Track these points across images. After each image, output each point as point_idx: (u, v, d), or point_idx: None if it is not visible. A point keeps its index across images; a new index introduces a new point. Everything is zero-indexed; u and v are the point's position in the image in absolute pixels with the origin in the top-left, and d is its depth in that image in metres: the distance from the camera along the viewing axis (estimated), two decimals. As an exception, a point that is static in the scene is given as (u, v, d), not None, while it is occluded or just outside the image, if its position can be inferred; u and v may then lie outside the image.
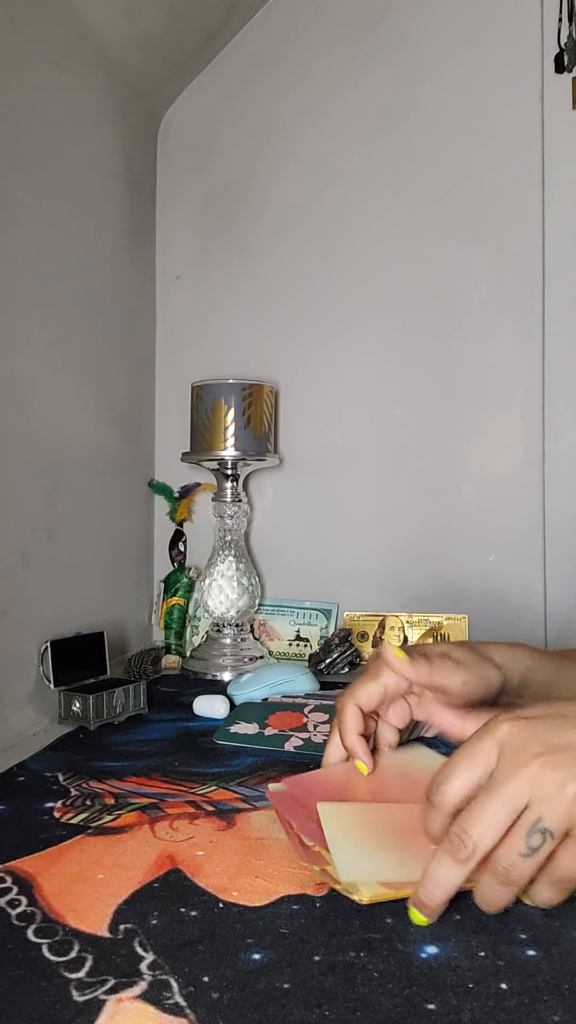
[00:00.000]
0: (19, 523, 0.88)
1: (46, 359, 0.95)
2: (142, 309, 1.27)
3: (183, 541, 1.27)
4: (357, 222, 1.24)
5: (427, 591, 1.20)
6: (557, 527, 1.17)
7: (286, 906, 0.48)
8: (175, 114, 1.31)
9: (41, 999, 0.39)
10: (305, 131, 1.26)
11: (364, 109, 1.24)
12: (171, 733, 0.84)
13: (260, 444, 1.15)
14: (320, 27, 1.25)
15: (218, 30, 1.24)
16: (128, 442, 1.21)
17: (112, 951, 0.43)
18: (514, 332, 1.19)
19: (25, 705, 0.86)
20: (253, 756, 0.76)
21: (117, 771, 0.72)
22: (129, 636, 1.18)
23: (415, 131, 1.22)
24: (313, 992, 0.40)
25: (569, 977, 0.41)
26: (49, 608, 0.94)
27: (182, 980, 0.41)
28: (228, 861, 0.54)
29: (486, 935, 0.45)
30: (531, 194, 1.17)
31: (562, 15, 1.15)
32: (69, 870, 0.53)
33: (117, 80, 1.13)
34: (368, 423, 1.24)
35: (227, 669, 1.11)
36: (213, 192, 1.30)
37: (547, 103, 1.17)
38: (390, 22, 1.23)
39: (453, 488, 1.21)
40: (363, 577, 1.23)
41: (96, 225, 1.09)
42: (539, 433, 1.18)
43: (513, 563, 1.19)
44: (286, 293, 1.27)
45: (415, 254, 1.22)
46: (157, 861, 0.54)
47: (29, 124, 0.90)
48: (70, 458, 1.00)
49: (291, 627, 1.22)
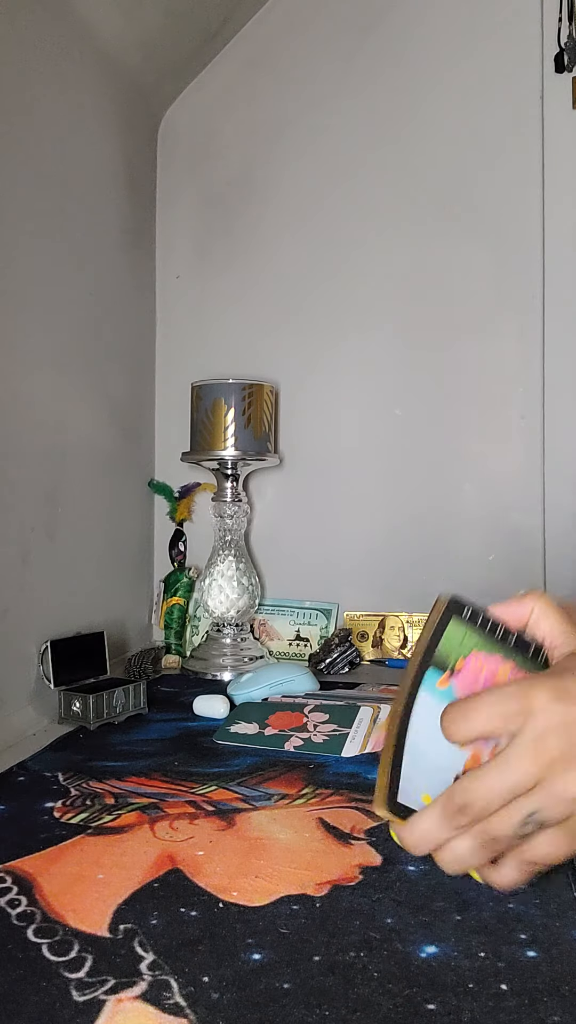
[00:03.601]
0: (19, 523, 0.88)
1: (46, 359, 0.95)
2: (142, 309, 1.27)
3: (183, 541, 1.27)
4: (357, 221, 1.24)
5: (427, 591, 1.19)
6: (557, 527, 1.17)
7: (286, 906, 0.48)
8: (175, 114, 1.31)
9: (41, 999, 0.39)
10: (305, 130, 1.26)
11: (364, 109, 1.24)
12: (171, 733, 0.84)
13: (260, 444, 1.15)
14: (320, 27, 1.25)
15: (218, 30, 1.24)
16: (128, 442, 1.21)
17: (112, 951, 0.43)
18: (514, 332, 1.19)
19: (25, 705, 0.86)
20: (253, 756, 0.76)
21: (117, 771, 0.72)
22: (129, 636, 1.18)
23: (415, 130, 1.22)
24: (313, 992, 0.40)
25: (569, 978, 0.41)
26: (49, 608, 0.94)
27: (182, 980, 0.41)
28: (228, 861, 0.54)
29: (486, 935, 0.45)
30: (531, 194, 1.17)
31: (562, 15, 1.15)
32: (69, 870, 0.53)
33: (117, 80, 1.13)
34: (368, 423, 1.24)
35: (227, 669, 1.11)
36: (213, 192, 1.30)
37: (547, 103, 1.17)
38: (390, 22, 1.23)
39: (453, 488, 1.21)
40: (363, 577, 1.23)
41: (96, 225, 1.09)
42: (539, 433, 1.18)
43: (513, 563, 1.19)
44: (286, 293, 1.27)
45: (415, 253, 1.22)
46: (157, 861, 0.54)
47: (29, 124, 0.90)
48: (70, 458, 1.00)
49: (291, 627, 1.22)
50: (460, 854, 0.44)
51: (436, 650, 0.49)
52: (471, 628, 0.50)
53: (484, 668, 0.49)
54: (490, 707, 0.44)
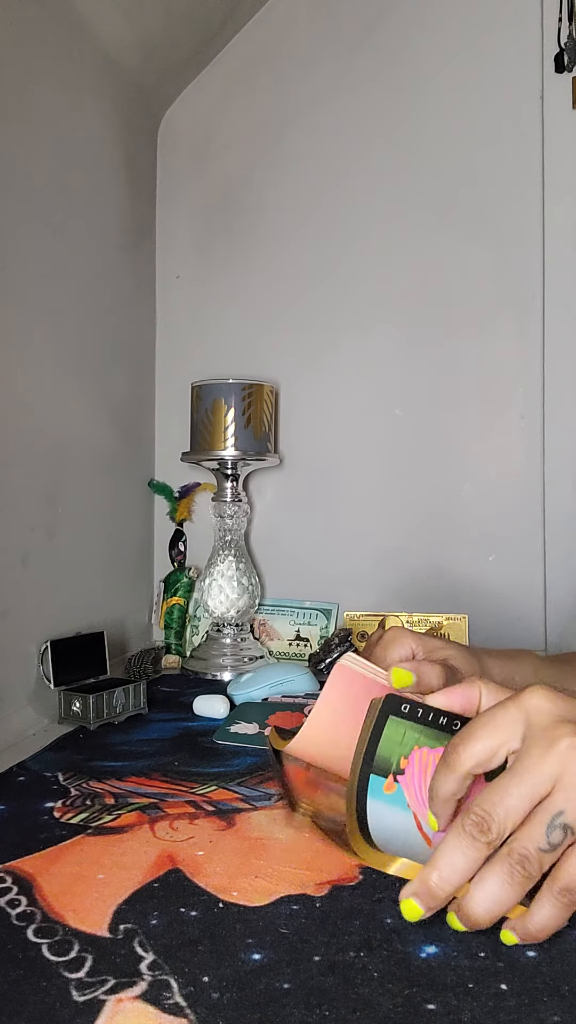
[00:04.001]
0: (19, 523, 0.88)
1: (46, 359, 0.95)
2: (142, 309, 1.27)
3: (183, 541, 1.27)
4: (357, 221, 1.24)
5: (427, 591, 1.20)
6: (557, 527, 1.17)
7: (286, 906, 0.48)
8: (175, 114, 1.31)
9: (41, 999, 0.39)
10: (305, 130, 1.26)
11: (364, 109, 1.24)
12: (171, 733, 0.84)
13: (260, 444, 1.15)
14: (320, 27, 1.25)
15: (218, 30, 1.24)
16: (128, 442, 1.21)
17: (112, 951, 0.43)
18: (514, 332, 1.19)
19: (25, 705, 0.86)
20: (253, 756, 0.76)
21: (117, 771, 0.72)
22: (129, 636, 1.18)
23: (415, 130, 1.22)
24: (313, 992, 0.40)
25: (569, 978, 0.41)
26: (49, 608, 0.94)
27: (182, 980, 0.41)
28: (228, 861, 0.54)
29: (486, 935, 0.45)
30: (531, 194, 1.17)
31: (562, 15, 1.15)
32: (69, 870, 0.53)
33: (117, 80, 1.13)
34: (368, 423, 1.24)
35: (227, 669, 1.11)
36: (213, 192, 1.30)
37: (547, 103, 1.17)
38: (390, 22, 1.23)
39: (453, 488, 1.21)
40: (363, 577, 1.23)
41: (96, 225, 1.09)
42: (539, 433, 1.18)
43: (513, 563, 1.19)
44: (286, 293, 1.27)
45: (415, 253, 1.22)
46: (157, 861, 0.54)
47: (29, 124, 0.90)
48: (70, 458, 1.00)
49: (291, 627, 1.22)
50: (491, 888, 0.41)
51: (375, 756, 0.49)
52: (411, 724, 0.49)
53: (429, 762, 0.49)
54: (488, 721, 0.44)
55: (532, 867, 0.41)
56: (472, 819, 0.41)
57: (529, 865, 0.40)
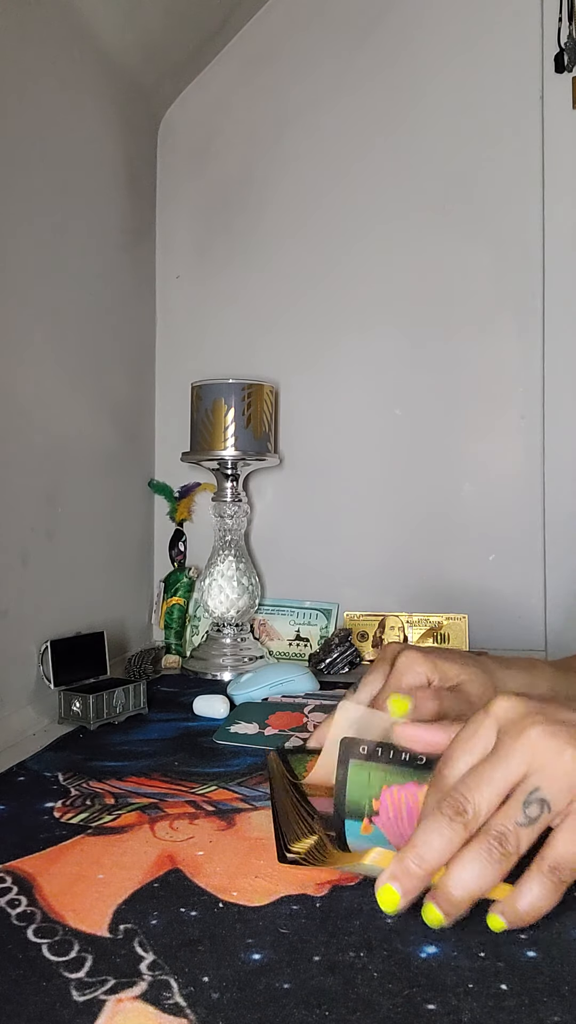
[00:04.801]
0: (19, 523, 0.88)
1: (46, 359, 0.95)
2: (142, 309, 1.27)
3: (183, 541, 1.27)
4: (357, 221, 1.24)
5: (427, 591, 1.20)
6: (557, 527, 1.17)
7: (286, 906, 0.48)
8: (175, 114, 1.31)
9: (41, 999, 0.39)
10: (305, 130, 1.26)
11: (364, 109, 1.24)
12: (171, 733, 0.84)
13: (260, 444, 1.15)
14: (320, 27, 1.25)
15: (218, 30, 1.24)
16: (128, 442, 1.21)
17: (112, 951, 0.43)
18: (514, 332, 1.19)
19: (25, 705, 0.86)
20: (253, 756, 0.76)
21: (117, 771, 0.72)
22: (129, 636, 1.18)
23: (415, 131, 1.22)
24: (313, 992, 0.40)
25: (569, 978, 0.41)
26: (49, 608, 0.94)
27: (182, 980, 0.41)
28: (228, 861, 0.54)
29: (486, 935, 0.45)
30: (531, 194, 1.18)
31: (562, 15, 1.15)
32: (69, 870, 0.53)
33: (117, 80, 1.13)
34: (368, 423, 1.24)
35: (227, 669, 1.11)
36: (213, 192, 1.30)
37: (547, 103, 1.17)
38: (390, 22, 1.23)
39: (453, 488, 1.21)
40: (363, 577, 1.23)
41: (96, 225, 1.09)
42: (539, 433, 1.18)
43: (513, 563, 1.19)
44: (286, 293, 1.27)
45: (415, 253, 1.22)
46: (157, 861, 0.54)
47: (29, 124, 0.90)
48: (70, 458, 1.00)
49: (291, 627, 1.22)
50: (470, 867, 0.41)
51: (346, 802, 0.49)
52: (373, 765, 0.50)
53: (402, 798, 0.50)
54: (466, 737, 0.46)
55: (510, 844, 0.41)
56: (449, 802, 0.43)
57: (507, 842, 0.41)
